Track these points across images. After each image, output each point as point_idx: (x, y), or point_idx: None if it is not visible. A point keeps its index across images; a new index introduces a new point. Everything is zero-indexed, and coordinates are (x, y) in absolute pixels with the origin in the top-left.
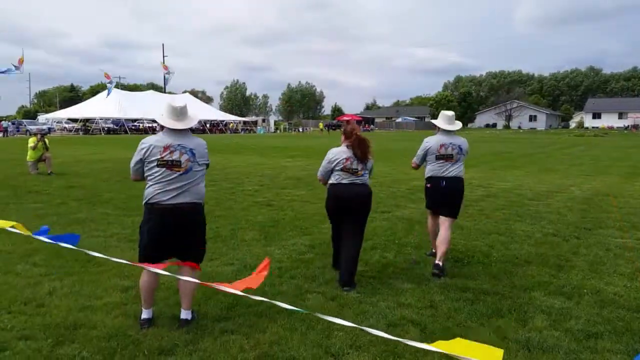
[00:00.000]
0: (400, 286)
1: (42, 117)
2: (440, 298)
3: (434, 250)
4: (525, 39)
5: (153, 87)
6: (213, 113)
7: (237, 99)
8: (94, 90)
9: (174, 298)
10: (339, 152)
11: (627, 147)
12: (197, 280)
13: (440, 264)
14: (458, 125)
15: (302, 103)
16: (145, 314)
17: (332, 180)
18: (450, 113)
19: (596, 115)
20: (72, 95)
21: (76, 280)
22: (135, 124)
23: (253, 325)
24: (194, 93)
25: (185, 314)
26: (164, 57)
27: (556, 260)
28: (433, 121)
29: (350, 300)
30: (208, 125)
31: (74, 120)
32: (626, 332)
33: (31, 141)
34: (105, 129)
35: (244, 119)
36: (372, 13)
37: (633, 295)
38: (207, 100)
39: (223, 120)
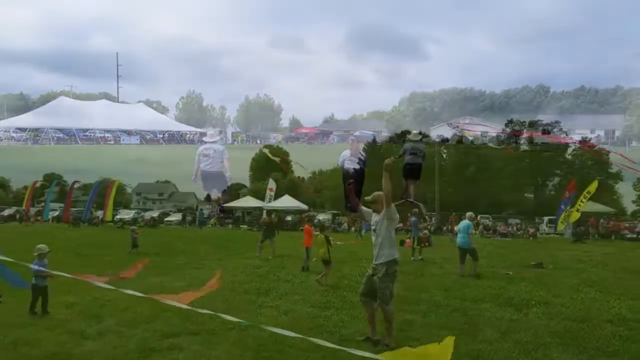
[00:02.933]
0: (354, 299)
1: None
2: (394, 311)
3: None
4: (479, 56)
5: (106, 96)
6: (168, 124)
7: (194, 110)
8: (45, 99)
9: (120, 316)
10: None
11: None
12: None
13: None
14: (418, 137)
15: (259, 115)
16: None
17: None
18: (416, 131)
19: (545, 131)
20: (21, 104)
21: (20, 297)
22: (87, 133)
23: (203, 343)
24: (148, 103)
25: None
26: (117, 66)
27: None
28: (408, 136)
29: (304, 314)
30: (165, 136)
31: (23, 130)
32: (572, 343)
33: None
34: (55, 138)
35: (200, 130)
36: (332, 27)
37: (578, 306)
38: (163, 110)
39: (179, 131)
